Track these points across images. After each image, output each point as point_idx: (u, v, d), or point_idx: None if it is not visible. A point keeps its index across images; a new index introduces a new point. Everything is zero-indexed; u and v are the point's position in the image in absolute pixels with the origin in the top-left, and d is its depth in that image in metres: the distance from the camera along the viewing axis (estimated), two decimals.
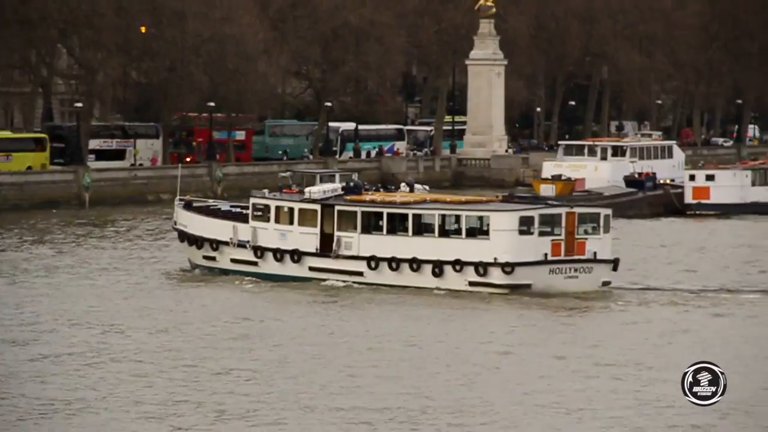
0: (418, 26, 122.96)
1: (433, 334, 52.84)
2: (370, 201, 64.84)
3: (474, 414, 40.26)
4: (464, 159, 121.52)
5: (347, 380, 43.70)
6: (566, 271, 61.26)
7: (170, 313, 56.53)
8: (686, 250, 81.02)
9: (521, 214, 61.81)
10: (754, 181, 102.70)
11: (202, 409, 39.42)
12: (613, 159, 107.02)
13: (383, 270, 62.35)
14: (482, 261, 60.66)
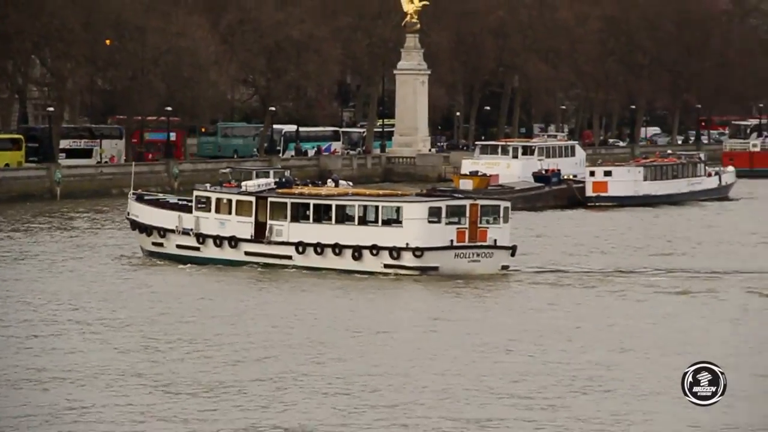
0: (351, 40, 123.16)
1: (351, 308, 53.64)
2: (299, 194, 65.17)
3: (384, 376, 40.71)
4: (393, 157, 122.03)
5: (267, 350, 44.01)
6: (470, 256, 61.37)
7: (120, 292, 56.35)
8: (583, 237, 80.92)
9: (430, 206, 62.33)
10: (646, 177, 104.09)
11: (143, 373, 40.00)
12: (523, 157, 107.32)
13: (309, 254, 62.46)
14: (396, 246, 60.86)
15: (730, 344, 46.74)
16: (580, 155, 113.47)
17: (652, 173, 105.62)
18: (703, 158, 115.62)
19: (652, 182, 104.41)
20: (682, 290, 58.36)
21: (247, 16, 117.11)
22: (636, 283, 61.04)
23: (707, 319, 52.07)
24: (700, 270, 64.56)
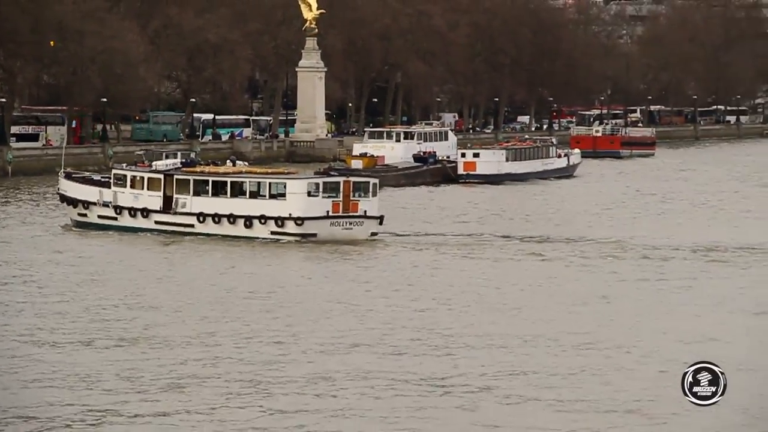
0: (259, 42, 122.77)
1: (244, 268, 53.83)
2: (200, 172, 65.35)
3: (272, 318, 41.37)
4: (295, 141, 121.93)
5: (181, 305, 43.88)
6: (343, 224, 61.64)
7: (50, 255, 56.68)
8: (452, 209, 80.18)
9: (309, 182, 63.16)
10: (508, 158, 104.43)
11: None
12: (405, 141, 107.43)
13: (208, 223, 62.57)
14: (280, 216, 61.19)
15: (553, 299, 47.02)
16: (452, 140, 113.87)
17: (513, 155, 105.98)
18: (554, 142, 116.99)
19: (512, 162, 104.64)
20: (531, 252, 58.77)
21: (171, 21, 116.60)
22: (492, 246, 61.22)
23: (543, 276, 52.49)
24: (547, 236, 64.79)
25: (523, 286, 50.11)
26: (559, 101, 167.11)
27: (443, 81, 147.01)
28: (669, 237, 64.25)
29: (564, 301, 45.80)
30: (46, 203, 75.78)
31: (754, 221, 74.61)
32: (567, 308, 44.53)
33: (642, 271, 53.73)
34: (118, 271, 52.58)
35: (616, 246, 61.04)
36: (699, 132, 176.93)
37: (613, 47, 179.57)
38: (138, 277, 51.08)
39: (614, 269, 54.19)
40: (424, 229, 67.99)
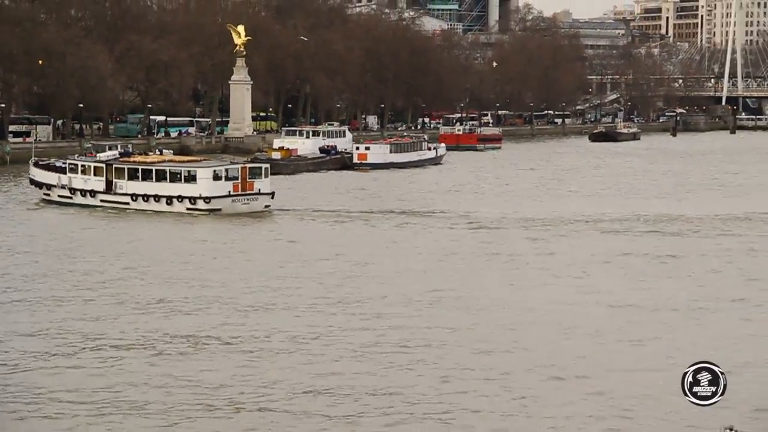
0: (201, 61, 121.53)
1: (167, 235, 53.99)
2: (133, 161, 65.75)
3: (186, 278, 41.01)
4: (229, 137, 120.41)
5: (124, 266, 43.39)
6: (242, 200, 61.96)
7: (20, 225, 57.06)
8: (342, 188, 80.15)
9: (214, 169, 62.80)
10: (391, 150, 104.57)
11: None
12: (313, 137, 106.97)
13: (140, 201, 62.68)
14: (193, 196, 61.50)
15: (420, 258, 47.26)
16: (349, 136, 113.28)
17: (395, 148, 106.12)
18: (426, 138, 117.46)
19: (395, 154, 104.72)
20: (400, 223, 58.49)
21: (132, 45, 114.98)
22: (362, 217, 61.31)
23: (393, 239, 52.79)
24: (418, 210, 64.49)
25: (377, 246, 50.30)
26: (429, 107, 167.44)
27: (341, 91, 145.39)
28: (504, 211, 64.22)
29: (406, 259, 45.74)
30: (24, 186, 74.63)
31: (574, 198, 74.70)
32: (409, 265, 44.58)
33: (477, 236, 53.83)
34: (74, 235, 53.61)
35: (462, 217, 60.91)
36: (534, 130, 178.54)
37: (470, 66, 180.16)
38: (86, 238, 52.43)
39: (455, 235, 54.08)
40: (314, 203, 67.82)
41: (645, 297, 37.61)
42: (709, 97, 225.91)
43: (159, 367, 28.32)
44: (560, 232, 55.51)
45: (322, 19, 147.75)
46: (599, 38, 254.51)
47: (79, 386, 26.52)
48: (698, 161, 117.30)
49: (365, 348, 30.31)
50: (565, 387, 26.87)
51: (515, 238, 53.37)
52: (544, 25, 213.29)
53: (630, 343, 31.10)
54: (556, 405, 25.41)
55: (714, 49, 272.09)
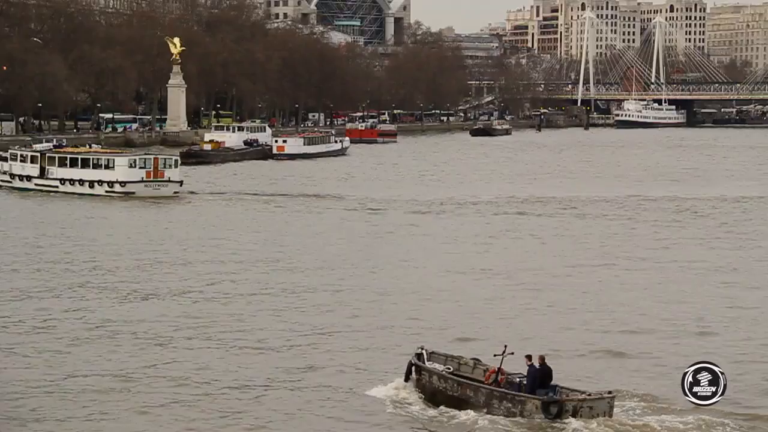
0: (143, 68, 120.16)
1: (92, 214, 53.12)
2: (64, 151, 65.43)
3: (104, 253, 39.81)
4: (167, 132, 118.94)
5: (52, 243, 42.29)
6: (154, 186, 60.97)
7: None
8: (257, 176, 77.82)
9: (129, 158, 62.41)
10: (305, 143, 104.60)
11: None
12: (238, 132, 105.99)
13: (67, 185, 62.05)
14: (111, 180, 61.00)
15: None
16: (269, 131, 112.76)
17: (308, 141, 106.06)
18: (333, 133, 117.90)
19: (308, 146, 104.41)
20: (301, 208, 57.23)
21: (84, 54, 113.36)
22: (265, 200, 60.10)
23: (284, 220, 51.46)
24: (330, 194, 63.67)
25: (275, 223, 49.68)
26: (337, 107, 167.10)
27: (262, 93, 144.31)
28: (397, 195, 63.74)
29: (302, 237, 44.89)
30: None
31: (457, 183, 74.90)
32: (294, 239, 43.89)
33: (362, 215, 53.42)
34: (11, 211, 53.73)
35: (354, 200, 60.34)
36: (424, 127, 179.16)
37: (370, 73, 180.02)
38: (22, 215, 52.26)
39: (345, 216, 53.39)
40: (231, 188, 66.78)
41: (495, 262, 38.48)
42: (567, 99, 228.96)
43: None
44: (439, 210, 55.80)
45: (246, 32, 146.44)
46: (477, 50, 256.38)
47: None
48: (558, 152, 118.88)
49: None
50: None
51: (402, 216, 53.28)
52: (431, 38, 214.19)
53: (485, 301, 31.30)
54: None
55: (571, 59, 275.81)
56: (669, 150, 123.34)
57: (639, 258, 39.28)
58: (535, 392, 18.68)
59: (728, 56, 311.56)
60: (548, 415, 18.29)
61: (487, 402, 18.94)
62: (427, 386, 20.00)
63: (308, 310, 29.49)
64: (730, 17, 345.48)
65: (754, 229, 48.49)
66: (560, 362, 21.31)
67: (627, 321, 28.28)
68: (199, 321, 27.86)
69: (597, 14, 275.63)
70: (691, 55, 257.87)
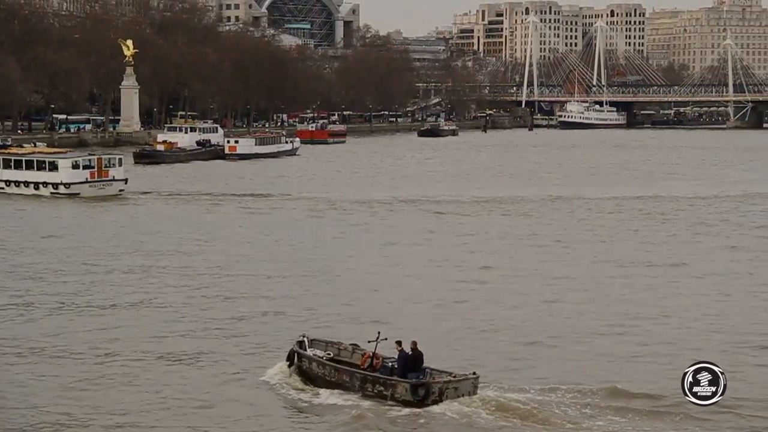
0: (97, 69, 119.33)
1: (37, 214, 52.49)
2: (8, 153, 64.60)
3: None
4: (120, 132, 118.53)
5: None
6: (98, 186, 60.52)
7: None
8: (207, 175, 78.56)
9: (72, 160, 61.47)
10: (256, 143, 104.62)
11: None
12: (191, 132, 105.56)
13: (12, 186, 61.21)
14: (56, 182, 60.14)
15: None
16: (221, 132, 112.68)
17: (260, 141, 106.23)
18: (284, 134, 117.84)
19: (259, 146, 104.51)
20: (242, 203, 57.53)
21: (38, 56, 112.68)
22: (216, 200, 59.70)
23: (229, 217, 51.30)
24: (275, 194, 63.31)
25: (215, 222, 49.45)
26: (288, 108, 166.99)
27: (214, 95, 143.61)
28: (344, 192, 64.06)
29: (236, 235, 45.16)
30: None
31: (405, 182, 75.19)
32: (229, 236, 44.19)
33: (311, 212, 53.55)
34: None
35: (309, 199, 60.08)
36: (373, 128, 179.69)
37: (320, 75, 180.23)
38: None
39: (291, 213, 53.51)
40: (176, 188, 66.22)
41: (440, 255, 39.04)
42: (512, 101, 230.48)
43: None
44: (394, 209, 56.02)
45: (198, 35, 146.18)
46: (424, 53, 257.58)
47: None
48: (503, 152, 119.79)
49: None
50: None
51: (342, 214, 53.43)
52: (380, 42, 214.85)
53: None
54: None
55: (515, 62, 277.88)
56: (612, 150, 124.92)
57: (563, 252, 40.08)
58: (407, 376, 19.57)
59: (666, 59, 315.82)
60: (416, 397, 19.18)
61: (361, 386, 19.83)
62: (307, 372, 20.89)
63: (215, 298, 30.26)
64: (669, 22, 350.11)
65: (687, 227, 49.33)
66: (441, 345, 22.85)
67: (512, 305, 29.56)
68: (104, 310, 28.65)
69: (540, 18, 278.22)
70: (631, 58, 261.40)
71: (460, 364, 21.16)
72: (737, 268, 37.08)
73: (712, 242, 43.39)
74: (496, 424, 18.66)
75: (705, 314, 28.83)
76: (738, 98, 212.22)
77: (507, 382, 20.87)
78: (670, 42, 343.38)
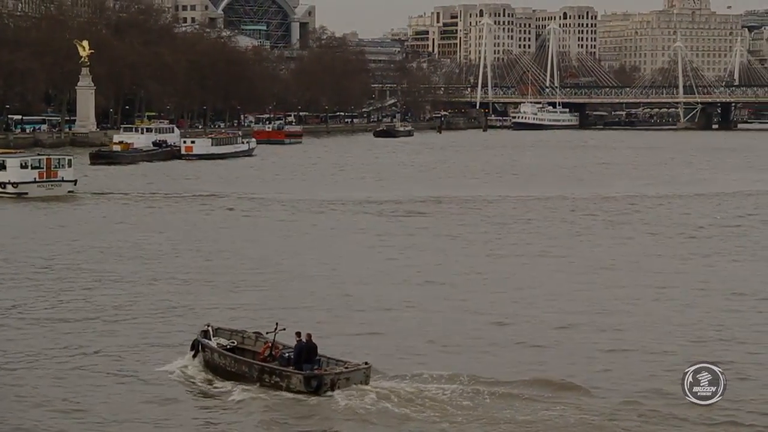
0: (52, 70, 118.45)
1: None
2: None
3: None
4: (76, 133, 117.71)
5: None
6: (47, 186, 59.88)
7: None
8: (160, 176, 76.90)
9: (21, 160, 60.63)
10: (213, 144, 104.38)
11: None
12: (147, 133, 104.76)
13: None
14: (3, 182, 59.46)
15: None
16: (177, 132, 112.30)
17: (216, 142, 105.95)
18: (240, 134, 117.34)
19: (216, 146, 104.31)
20: (193, 207, 57.06)
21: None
22: (163, 200, 59.75)
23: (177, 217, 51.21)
24: (247, 194, 62.92)
25: (162, 221, 49.60)
26: (244, 109, 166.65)
27: (171, 96, 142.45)
28: (294, 193, 64.01)
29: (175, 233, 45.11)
30: None
31: (360, 184, 75.52)
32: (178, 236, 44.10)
33: (251, 209, 53.75)
34: None
35: (256, 198, 59.86)
36: (329, 128, 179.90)
37: (276, 76, 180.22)
38: None
39: (235, 213, 53.66)
40: (128, 189, 65.54)
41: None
42: (467, 102, 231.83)
43: None
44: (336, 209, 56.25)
45: (154, 36, 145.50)
46: (380, 54, 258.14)
47: None
48: (458, 153, 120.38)
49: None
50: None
51: (283, 213, 53.51)
52: (335, 43, 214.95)
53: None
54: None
55: (470, 64, 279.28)
56: (564, 150, 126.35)
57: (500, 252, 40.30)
58: (302, 367, 20.39)
59: (618, 61, 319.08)
60: (309, 388, 19.95)
61: (259, 377, 20.51)
62: (210, 362, 21.44)
63: (120, 291, 30.98)
64: (620, 24, 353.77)
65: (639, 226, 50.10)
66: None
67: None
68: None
69: (494, 21, 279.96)
70: (583, 60, 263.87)
71: (359, 354, 21.77)
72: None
73: (643, 241, 44.01)
74: (385, 413, 19.15)
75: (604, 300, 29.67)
76: (688, 100, 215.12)
77: (401, 371, 21.37)
78: (621, 44, 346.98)
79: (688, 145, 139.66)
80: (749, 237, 45.04)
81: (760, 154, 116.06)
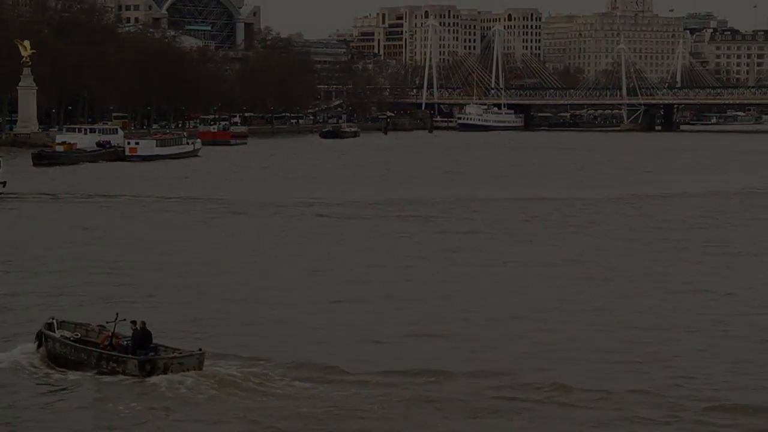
0: None
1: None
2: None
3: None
4: (18, 133, 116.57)
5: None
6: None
7: None
8: (99, 177, 76.76)
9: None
10: (157, 144, 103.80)
11: None
12: (90, 134, 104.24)
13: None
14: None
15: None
16: (121, 133, 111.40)
17: (161, 143, 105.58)
18: (185, 135, 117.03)
19: (160, 147, 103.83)
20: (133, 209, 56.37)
21: None
22: (95, 199, 59.35)
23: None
24: (184, 196, 62.27)
25: (122, 220, 49.57)
26: (189, 110, 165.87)
27: (114, 96, 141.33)
28: (250, 194, 63.56)
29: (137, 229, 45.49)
30: None
31: (306, 185, 75.22)
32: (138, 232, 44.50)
33: (213, 211, 53.46)
34: None
35: (210, 200, 59.61)
36: (275, 129, 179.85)
37: (221, 76, 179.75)
38: None
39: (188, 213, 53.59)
40: (65, 190, 64.81)
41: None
42: (412, 103, 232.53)
43: None
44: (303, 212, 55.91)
45: (97, 36, 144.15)
46: (326, 55, 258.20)
47: None
48: (404, 154, 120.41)
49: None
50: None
51: (262, 215, 53.46)
52: (281, 44, 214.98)
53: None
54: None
55: (415, 65, 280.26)
56: (508, 151, 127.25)
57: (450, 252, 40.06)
58: (137, 353, 21.55)
59: (562, 63, 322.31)
60: (143, 372, 21.14)
61: (97, 363, 21.68)
62: (52, 352, 22.41)
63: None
64: (564, 26, 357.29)
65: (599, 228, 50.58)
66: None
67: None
68: None
69: (440, 22, 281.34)
70: (528, 61, 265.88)
71: (205, 342, 23.14)
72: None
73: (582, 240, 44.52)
74: (211, 394, 20.34)
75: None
76: (631, 101, 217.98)
77: (241, 359, 22.51)
78: (566, 46, 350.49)
79: (631, 147, 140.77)
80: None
81: (704, 155, 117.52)
